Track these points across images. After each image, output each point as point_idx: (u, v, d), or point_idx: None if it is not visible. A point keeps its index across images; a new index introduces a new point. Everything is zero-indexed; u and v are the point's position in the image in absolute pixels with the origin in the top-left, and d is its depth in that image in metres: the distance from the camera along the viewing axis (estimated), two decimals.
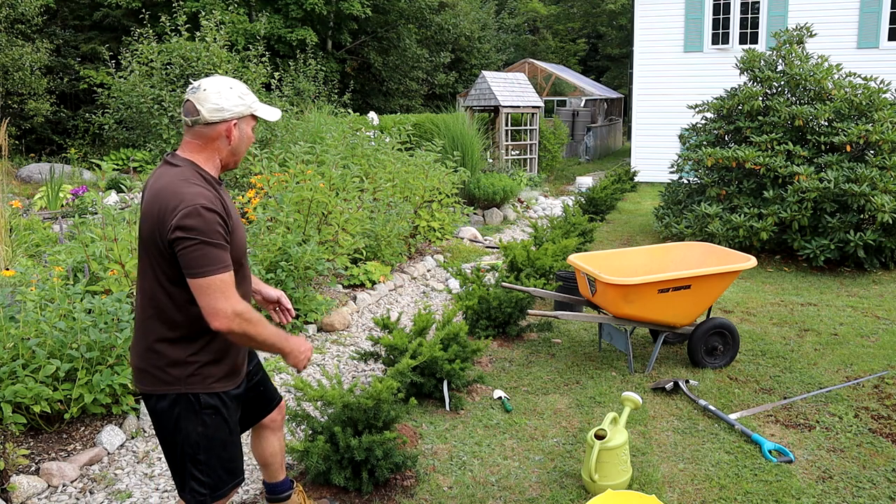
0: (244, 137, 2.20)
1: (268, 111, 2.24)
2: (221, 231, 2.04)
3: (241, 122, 2.17)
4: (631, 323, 4.46)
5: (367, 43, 23.06)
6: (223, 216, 2.07)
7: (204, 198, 2.04)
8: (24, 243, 5.91)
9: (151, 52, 7.79)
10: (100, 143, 17.25)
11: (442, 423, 3.82)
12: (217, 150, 2.18)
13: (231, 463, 2.27)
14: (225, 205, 2.12)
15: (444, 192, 8.14)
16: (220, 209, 2.06)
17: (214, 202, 2.06)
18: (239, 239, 2.19)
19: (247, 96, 2.19)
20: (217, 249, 2.02)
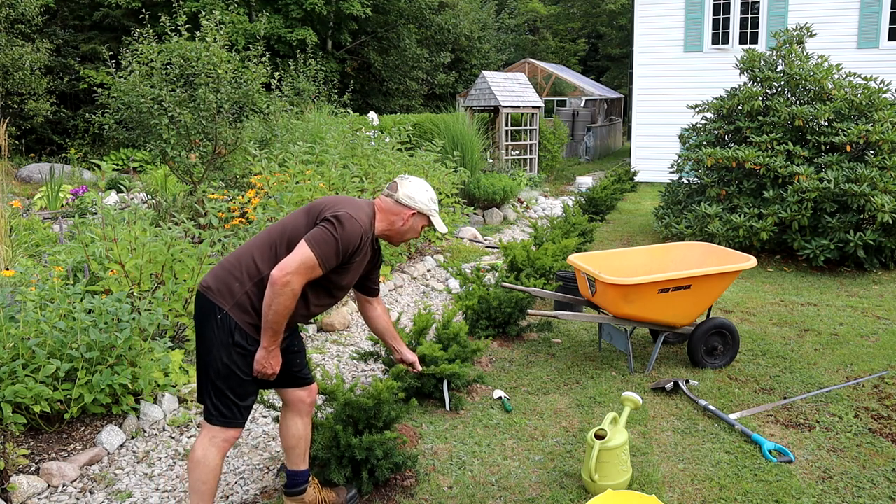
0: (411, 229, 2.74)
1: (439, 223, 2.76)
2: (351, 247, 2.51)
3: (417, 216, 2.73)
4: (631, 323, 4.46)
5: (367, 43, 23.07)
6: (357, 245, 2.55)
7: (364, 223, 2.58)
8: (24, 243, 5.91)
9: (151, 52, 7.79)
10: (100, 143, 17.25)
11: (442, 423, 3.82)
12: (391, 223, 2.72)
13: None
14: (363, 246, 2.59)
15: (444, 192, 8.14)
16: (362, 240, 2.56)
17: (363, 233, 2.56)
18: (353, 275, 2.67)
19: (433, 203, 2.74)
20: (335, 248, 2.47)
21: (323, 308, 2.72)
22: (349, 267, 2.60)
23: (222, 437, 2.56)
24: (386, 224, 2.71)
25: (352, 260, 2.57)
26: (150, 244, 4.49)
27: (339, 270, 2.57)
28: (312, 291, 2.59)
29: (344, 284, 2.66)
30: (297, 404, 2.82)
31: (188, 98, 7.75)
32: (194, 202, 7.10)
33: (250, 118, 8.35)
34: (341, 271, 2.58)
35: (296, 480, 2.88)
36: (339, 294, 2.70)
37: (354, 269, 2.64)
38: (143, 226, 4.72)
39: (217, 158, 7.98)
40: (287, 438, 2.83)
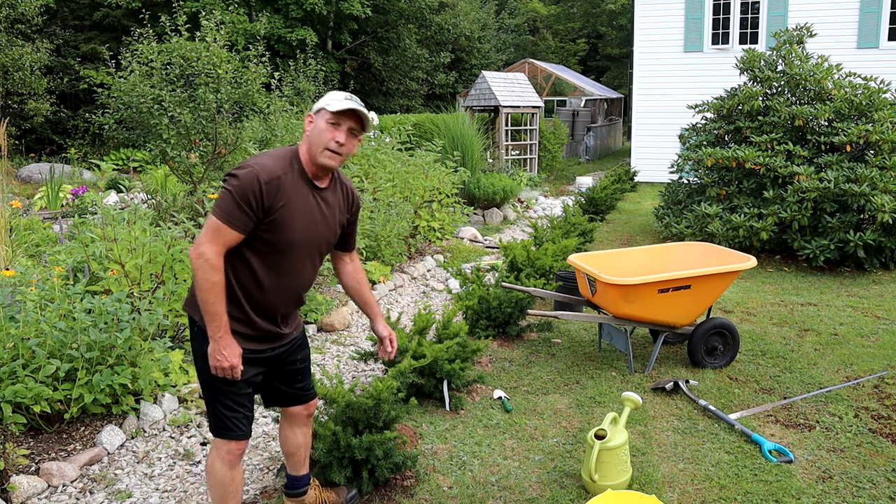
0: (315, 129, 2.38)
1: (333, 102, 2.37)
2: (254, 196, 2.25)
3: (318, 114, 2.40)
4: (631, 323, 4.46)
5: (367, 43, 23.07)
6: (259, 191, 2.26)
7: (263, 167, 2.29)
8: (24, 243, 5.91)
9: (151, 52, 7.79)
10: (100, 143, 17.25)
11: (442, 423, 3.82)
12: (305, 139, 2.43)
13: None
14: (274, 189, 2.30)
15: (444, 192, 8.14)
16: (263, 184, 2.26)
17: (271, 175, 2.29)
18: (289, 228, 2.36)
19: (333, 97, 2.39)
20: (235, 204, 2.25)
21: (285, 279, 2.46)
22: (277, 217, 2.32)
23: (225, 448, 2.51)
24: (305, 146, 2.43)
25: (272, 208, 2.30)
26: (150, 244, 4.49)
27: (267, 225, 2.32)
28: (255, 256, 2.38)
29: (289, 240, 2.38)
30: (295, 417, 2.78)
31: (188, 98, 7.74)
32: (194, 202, 7.10)
33: (250, 118, 8.34)
34: (271, 225, 2.33)
35: (296, 484, 2.89)
36: (294, 254, 2.42)
37: (289, 218, 2.35)
38: (143, 226, 4.72)
39: (217, 158, 7.98)
40: (286, 446, 2.82)
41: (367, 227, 6.63)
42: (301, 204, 2.38)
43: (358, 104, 2.37)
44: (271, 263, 2.41)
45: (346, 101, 2.36)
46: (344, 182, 2.61)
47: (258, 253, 2.38)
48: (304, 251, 2.45)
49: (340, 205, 2.57)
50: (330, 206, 2.50)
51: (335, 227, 2.54)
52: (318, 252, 2.53)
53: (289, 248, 2.40)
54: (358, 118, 2.40)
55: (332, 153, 2.37)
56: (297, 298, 2.57)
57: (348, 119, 2.39)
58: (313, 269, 2.55)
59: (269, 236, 2.35)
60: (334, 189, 2.54)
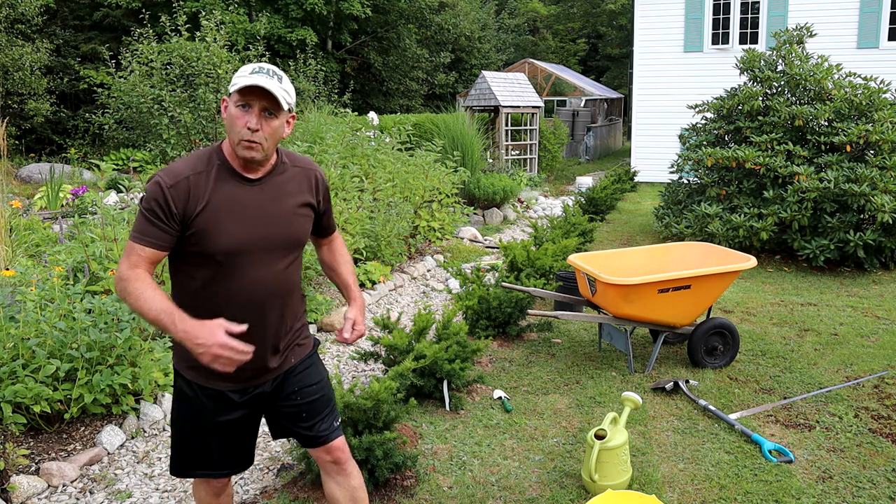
0: (228, 115, 1.98)
1: (239, 78, 1.96)
2: (159, 206, 1.93)
3: (229, 99, 2.00)
4: (631, 323, 4.46)
5: (367, 43, 23.06)
6: (163, 197, 1.93)
7: (169, 171, 1.98)
8: (24, 243, 5.91)
9: (151, 52, 7.80)
10: (100, 143, 17.25)
11: (442, 423, 3.82)
12: (226, 133, 2.03)
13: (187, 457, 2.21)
14: (197, 187, 1.96)
15: (444, 192, 8.14)
16: (177, 187, 1.94)
17: (177, 177, 1.96)
18: (219, 233, 1.98)
19: (241, 72, 1.97)
20: (144, 219, 1.95)
21: (243, 294, 2.05)
22: (199, 224, 1.97)
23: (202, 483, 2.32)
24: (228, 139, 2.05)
25: (187, 215, 1.96)
26: None
27: (192, 237, 1.97)
28: (197, 276, 2.03)
29: (226, 248, 1.99)
30: (321, 464, 2.32)
31: (188, 98, 7.75)
32: None
33: None
34: (196, 236, 1.97)
35: None
36: (240, 263, 2.02)
37: (215, 223, 1.98)
38: None
39: None
40: (329, 500, 2.37)
41: (368, 227, 6.63)
42: (228, 203, 2.00)
43: (266, 76, 1.93)
44: (219, 279, 2.02)
45: (251, 76, 1.92)
46: (298, 164, 2.18)
47: (199, 271, 2.02)
48: (255, 256, 2.04)
49: (296, 192, 2.14)
50: (277, 198, 2.08)
51: (291, 219, 2.11)
52: (278, 253, 2.09)
53: (230, 257, 2.00)
54: (270, 95, 1.94)
55: (247, 143, 1.95)
56: (274, 317, 2.12)
57: (257, 97, 1.94)
58: (278, 274, 2.10)
59: (200, 248, 1.99)
60: (281, 176, 2.11)
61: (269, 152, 2.02)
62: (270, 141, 1.99)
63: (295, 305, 2.22)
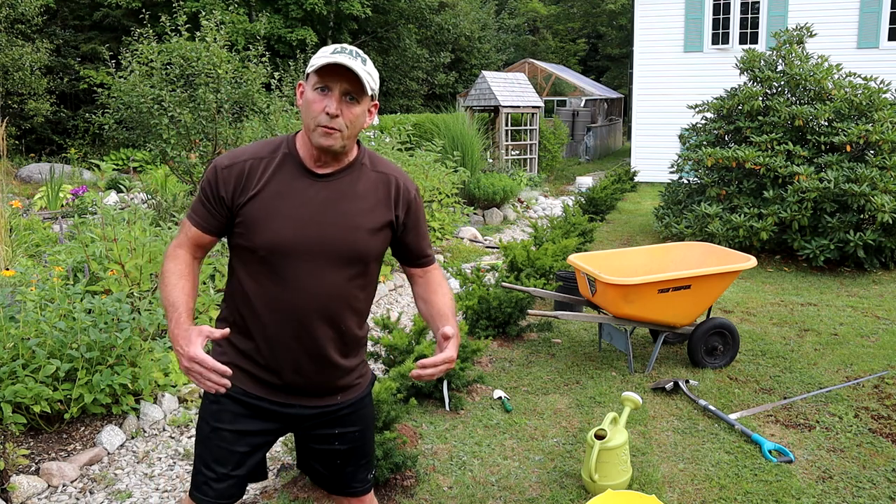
0: (304, 101, 1.81)
1: (318, 57, 1.78)
2: (210, 187, 1.82)
3: (306, 80, 1.83)
4: (631, 323, 4.46)
5: (367, 43, 23.07)
6: (222, 177, 1.81)
7: (231, 153, 1.87)
8: (24, 243, 5.91)
9: (151, 52, 7.80)
10: (100, 143, 17.25)
11: (442, 423, 3.82)
12: (302, 120, 1.86)
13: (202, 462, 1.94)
14: (253, 173, 1.81)
15: (444, 192, 8.14)
16: (231, 168, 1.81)
17: (234, 160, 1.83)
18: (265, 225, 1.80)
19: (322, 53, 1.79)
20: (197, 198, 1.86)
21: (285, 298, 1.82)
22: (246, 212, 1.80)
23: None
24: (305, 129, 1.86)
25: (236, 200, 1.81)
26: (150, 244, 4.49)
27: (240, 225, 1.82)
28: (240, 264, 1.87)
29: (271, 243, 1.79)
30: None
31: (188, 98, 7.75)
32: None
33: (250, 118, 8.34)
34: (242, 224, 1.81)
35: None
36: (286, 263, 1.81)
37: (265, 213, 1.80)
38: (142, 226, 4.73)
39: None
40: None
41: None
42: (282, 195, 1.81)
43: (349, 56, 1.74)
44: (261, 280, 1.83)
45: (333, 55, 1.73)
46: (381, 168, 1.93)
47: (244, 267, 1.86)
48: (305, 262, 1.81)
49: (368, 197, 1.88)
50: (342, 199, 1.84)
51: (354, 227, 1.84)
52: (334, 264, 1.83)
53: (275, 257, 1.81)
54: (353, 75, 1.75)
55: (325, 129, 1.75)
56: (321, 340, 1.86)
57: (339, 79, 1.75)
58: (331, 289, 1.84)
59: (246, 241, 1.82)
60: (356, 177, 1.88)
61: (349, 143, 1.82)
62: (351, 129, 1.79)
63: (352, 334, 1.92)
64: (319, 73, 1.76)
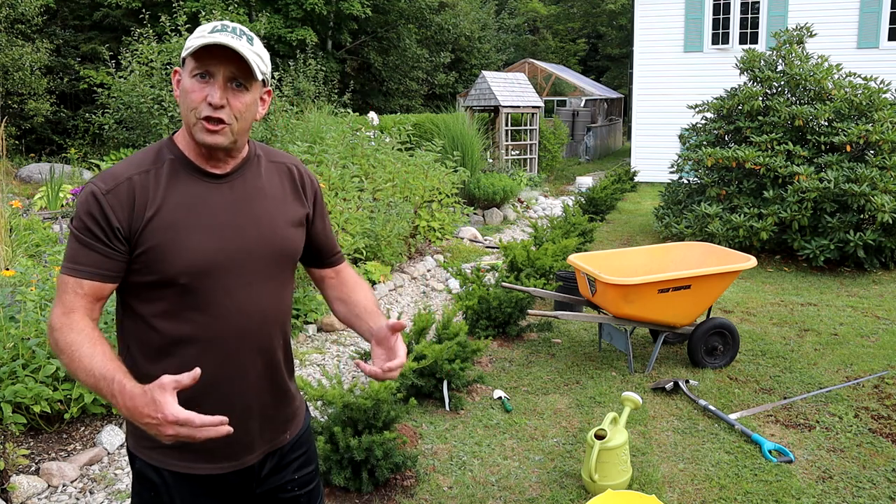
0: (181, 90, 1.49)
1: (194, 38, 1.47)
2: (95, 222, 1.43)
3: (182, 66, 1.51)
4: (631, 323, 4.46)
5: (367, 43, 23.07)
6: (110, 204, 1.43)
7: (105, 175, 1.48)
8: (24, 243, 5.91)
9: (151, 52, 7.81)
10: (100, 143, 17.25)
11: (442, 423, 3.82)
12: (182, 115, 1.53)
13: None
14: (145, 190, 1.47)
15: (443, 192, 8.14)
16: (116, 192, 1.44)
17: (116, 181, 1.46)
18: (181, 248, 1.47)
19: (199, 32, 1.48)
20: (77, 243, 1.45)
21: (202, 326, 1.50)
22: (150, 239, 1.45)
23: None
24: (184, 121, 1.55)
25: (134, 228, 1.45)
26: None
27: (143, 259, 1.46)
28: (143, 307, 1.50)
29: (194, 267, 1.47)
30: None
31: None
32: None
33: None
34: (149, 256, 1.46)
35: None
36: (216, 287, 1.50)
37: (174, 234, 1.47)
38: None
39: None
40: None
41: (368, 227, 6.63)
42: (187, 206, 1.50)
43: (232, 35, 1.45)
44: (185, 314, 1.49)
45: (212, 35, 1.43)
46: (276, 159, 1.68)
47: (156, 306, 1.50)
48: (232, 278, 1.52)
49: (277, 191, 1.63)
50: (253, 197, 1.58)
51: (280, 223, 1.61)
52: (263, 273, 1.57)
53: (199, 280, 1.48)
54: (239, 57, 1.45)
55: (208, 125, 1.46)
56: (264, 365, 1.60)
57: (221, 62, 1.44)
58: (266, 302, 1.58)
59: (155, 273, 1.46)
60: (256, 172, 1.61)
61: (240, 138, 1.52)
62: (241, 122, 1.50)
63: (288, 350, 1.68)
64: (197, 57, 1.44)
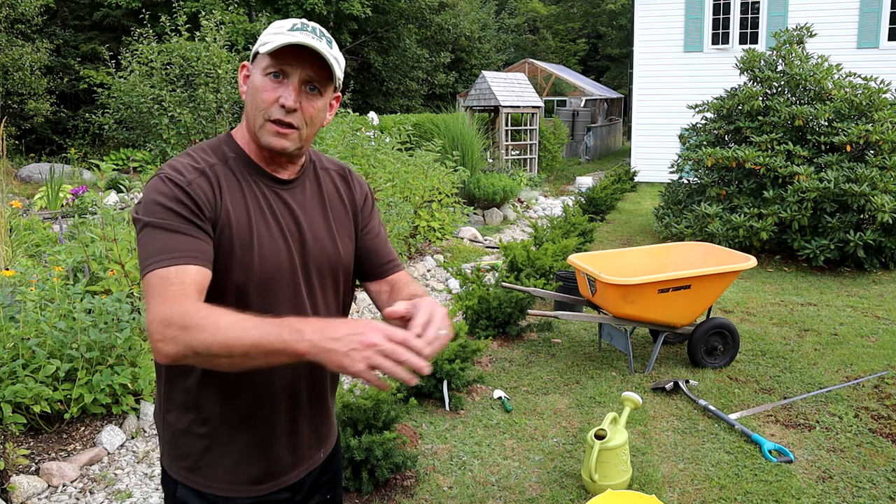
0: (250, 87, 1.41)
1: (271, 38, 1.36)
2: (183, 204, 1.32)
3: (254, 62, 1.43)
4: (631, 323, 4.46)
5: (367, 43, 23.07)
6: (195, 192, 1.33)
7: (174, 166, 1.37)
8: (24, 243, 5.91)
9: (151, 52, 7.82)
10: (100, 143, 17.25)
11: (442, 423, 3.82)
12: (245, 113, 1.47)
13: None
14: (219, 182, 1.38)
15: (443, 192, 8.14)
16: (197, 182, 1.35)
17: (192, 170, 1.37)
18: (245, 251, 1.38)
19: (277, 28, 1.39)
20: (164, 233, 1.30)
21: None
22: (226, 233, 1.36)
23: None
24: (244, 120, 1.48)
25: (216, 217, 1.35)
26: None
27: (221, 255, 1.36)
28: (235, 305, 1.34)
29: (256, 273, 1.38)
30: None
31: (188, 98, 7.75)
32: None
33: None
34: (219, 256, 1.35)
35: None
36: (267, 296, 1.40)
37: (240, 236, 1.37)
38: None
39: None
40: None
41: None
42: (257, 209, 1.42)
43: (313, 36, 1.36)
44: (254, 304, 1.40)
45: (293, 34, 1.35)
46: (328, 165, 1.60)
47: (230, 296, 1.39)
48: (302, 285, 1.46)
49: (337, 201, 1.56)
50: (318, 206, 1.52)
51: (341, 235, 1.53)
52: (327, 285, 1.51)
53: (268, 287, 1.41)
54: (318, 59, 1.37)
55: (277, 127, 1.38)
56: (319, 381, 1.54)
57: (299, 64, 1.37)
58: (327, 309, 1.52)
59: (220, 280, 1.36)
60: (315, 179, 1.55)
61: (306, 144, 1.44)
62: (310, 127, 1.41)
63: None
64: (275, 56, 1.36)
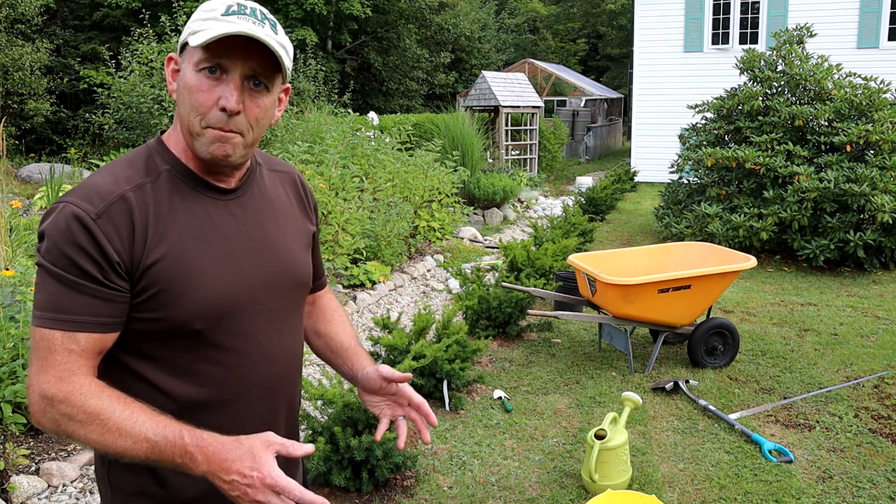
0: (180, 86, 1.17)
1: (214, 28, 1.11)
2: (86, 254, 1.09)
3: (182, 56, 1.19)
4: (631, 323, 4.46)
5: (367, 43, 23.07)
6: (105, 232, 1.10)
7: (85, 192, 1.12)
8: (24, 243, 5.91)
9: (151, 52, 7.82)
10: (100, 143, 17.24)
11: (442, 423, 3.82)
12: (177, 115, 1.22)
13: None
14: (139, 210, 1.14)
15: (443, 192, 8.14)
16: (109, 214, 1.11)
17: (105, 199, 1.11)
18: (199, 284, 1.16)
19: (210, 9, 1.15)
20: (60, 286, 1.09)
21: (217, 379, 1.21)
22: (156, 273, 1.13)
23: None
24: (176, 123, 1.24)
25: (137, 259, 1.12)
26: None
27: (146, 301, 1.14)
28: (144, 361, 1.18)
29: (204, 304, 1.16)
30: None
31: None
32: None
33: None
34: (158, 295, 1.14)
35: None
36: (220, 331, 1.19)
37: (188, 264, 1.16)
38: None
39: None
40: None
41: (368, 227, 6.63)
42: (197, 231, 1.19)
43: (255, 21, 1.13)
44: (193, 365, 1.19)
45: (229, 19, 1.11)
46: (276, 167, 1.41)
47: (155, 359, 1.19)
48: (253, 317, 1.25)
49: (287, 208, 1.37)
50: (266, 217, 1.30)
51: (295, 246, 1.35)
52: (285, 306, 1.32)
53: (219, 323, 1.19)
54: (262, 49, 1.14)
55: (219, 134, 1.15)
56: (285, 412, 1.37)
57: (241, 56, 1.13)
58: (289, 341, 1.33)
59: (163, 319, 1.15)
60: (261, 184, 1.33)
61: (252, 149, 1.23)
62: (256, 130, 1.19)
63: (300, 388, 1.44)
64: (209, 48, 1.12)
